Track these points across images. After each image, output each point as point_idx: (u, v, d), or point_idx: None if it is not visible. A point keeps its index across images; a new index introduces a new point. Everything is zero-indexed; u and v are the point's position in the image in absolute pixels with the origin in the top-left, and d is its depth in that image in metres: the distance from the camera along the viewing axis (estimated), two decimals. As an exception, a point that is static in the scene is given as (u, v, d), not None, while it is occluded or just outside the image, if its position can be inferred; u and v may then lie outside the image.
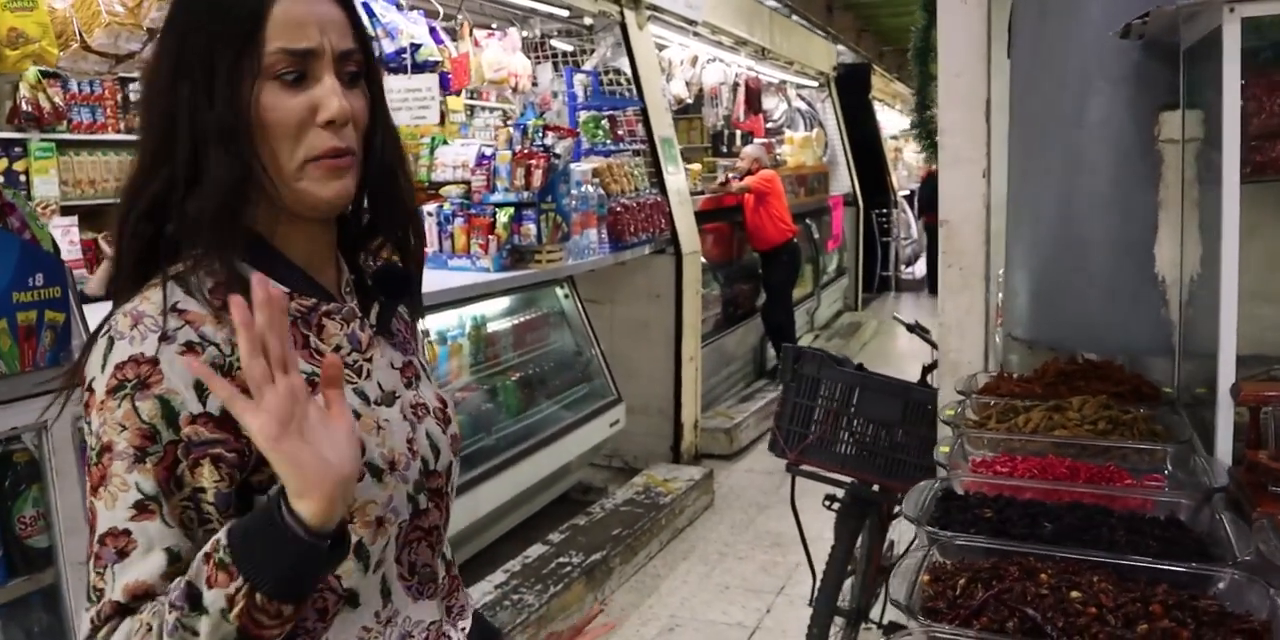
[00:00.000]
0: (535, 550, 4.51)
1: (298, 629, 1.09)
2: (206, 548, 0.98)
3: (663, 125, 6.38)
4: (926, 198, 13.43)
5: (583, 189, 5.32)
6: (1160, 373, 2.80)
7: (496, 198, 4.92)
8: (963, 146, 2.80)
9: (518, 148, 4.95)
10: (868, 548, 3.52)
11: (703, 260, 6.59)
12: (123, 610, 1.01)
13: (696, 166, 8.59)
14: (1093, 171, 2.72)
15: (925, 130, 4.77)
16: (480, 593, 3.94)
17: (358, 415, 1.16)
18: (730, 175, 8.39)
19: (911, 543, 4.26)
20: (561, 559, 4.40)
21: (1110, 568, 1.53)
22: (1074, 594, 1.41)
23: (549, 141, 4.96)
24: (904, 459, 3.26)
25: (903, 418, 3.25)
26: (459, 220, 4.87)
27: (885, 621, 3.51)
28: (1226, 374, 2.12)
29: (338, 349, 1.20)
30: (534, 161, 4.88)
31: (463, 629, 1.35)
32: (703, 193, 7.67)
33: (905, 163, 16.27)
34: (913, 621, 1.33)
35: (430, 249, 4.95)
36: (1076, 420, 2.22)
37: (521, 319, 5.31)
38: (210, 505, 1.05)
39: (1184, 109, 2.47)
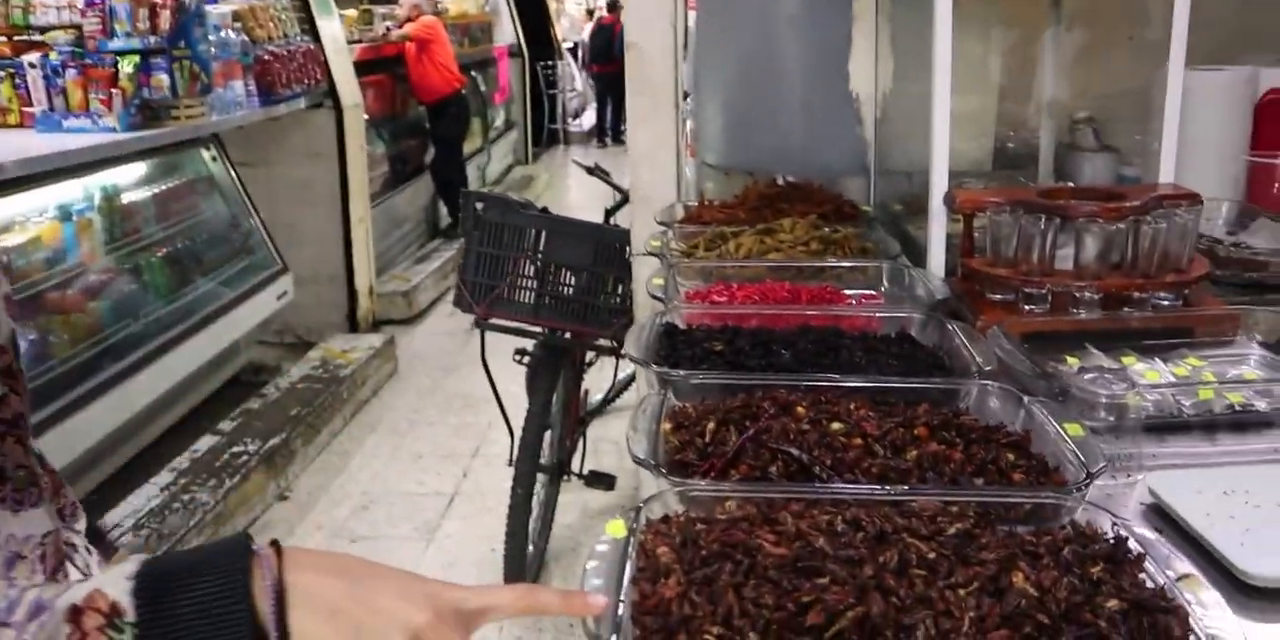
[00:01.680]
0: (205, 442, 4.03)
1: None
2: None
3: (311, -34, 5.68)
4: (598, 47, 13.21)
5: (222, 34, 4.62)
6: (855, 191, 2.71)
7: (116, 44, 4.19)
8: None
9: (138, -17, 4.20)
10: (564, 399, 3.37)
11: (365, 116, 6.04)
12: None
13: (352, 12, 7.84)
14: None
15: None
16: (145, 498, 3.45)
17: None
18: (389, 24, 7.76)
19: (611, 390, 4.15)
20: (236, 448, 3.96)
21: (864, 393, 1.36)
22: (835, 426, 1.22)
23: (177, -23, 4.24)
24: (597, 303, 3.08)
25: (594, 260, 3.05)
26: (71, 72, 4.10)
27: (586, 472, 3.39)
28: (939, 184, 2.00)
29: None
30: (159, 0, 4.16)
31: (80, 531, 1.05)
32: (360, 41, 7.03)
33: (568, 14, 15.90)
34: (661, 480, 1.09)
35: (38, 107, 4.16)
36: (789, 242, 2.05)
37: (163, 187, 4.64)
38: None
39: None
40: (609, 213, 3.98)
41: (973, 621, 0.82)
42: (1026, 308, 1.79)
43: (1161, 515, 1.23)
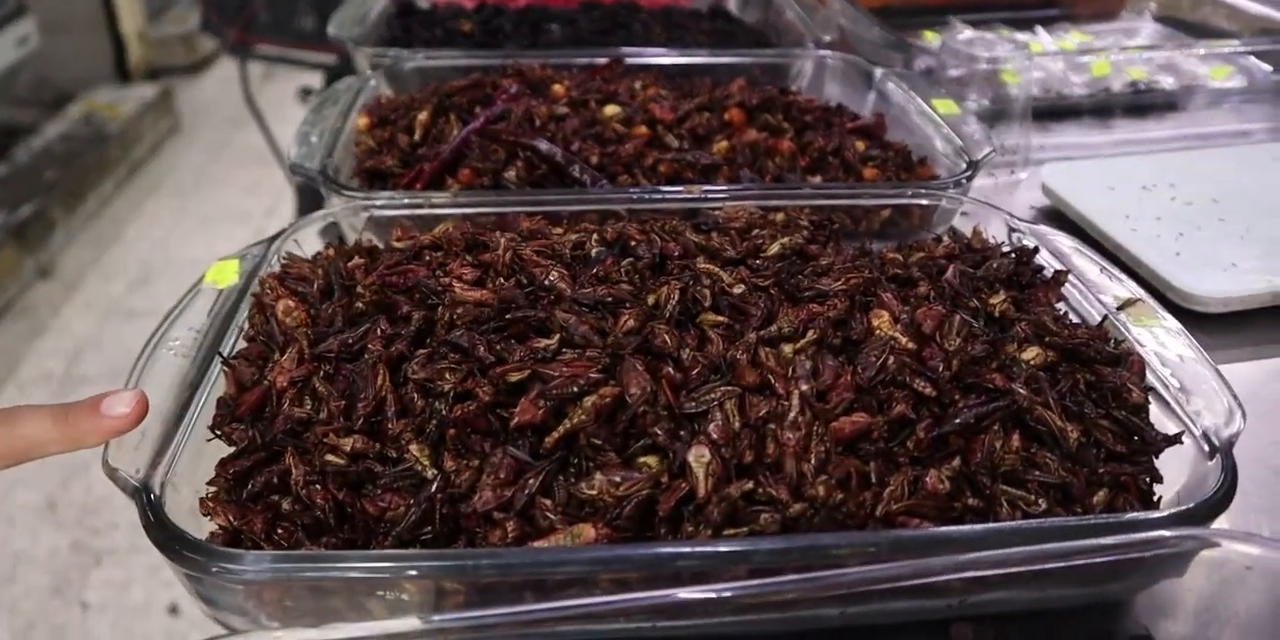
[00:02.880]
0: (-62, 219, 3.42)
1: None
2: None
3: None
4: None
5: None
6: None
7: None
8: None
9: None
10: None
11: None
12: None
13: None
14: None
15: None
16: None
17: None
18: None
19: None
20: (-24, 222, 3.38)
21: (658, 72, 0.96)
22: (609, 110, 0.82)
23: None
24: None
25: None
26: None
27: None
28: None
29: None
30: None
31: None
32: None
33: None
34: (333, 195, 0.69)
35: None
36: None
37: None
38: None
39: None
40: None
41: (806, 401, 0.47)
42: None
43: (1062, 221, 0.91)
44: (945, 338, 0.51)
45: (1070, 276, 0.62)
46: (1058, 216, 0.91)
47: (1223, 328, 0.76)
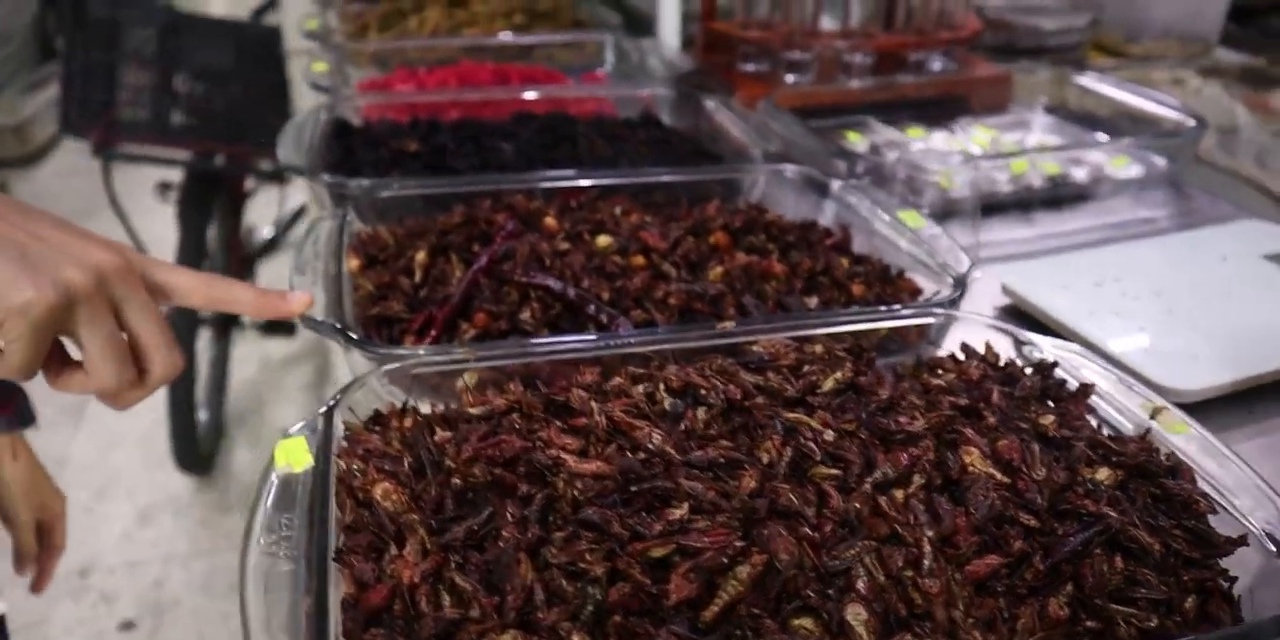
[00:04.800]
0: None
1: None
2: None
3: None
4: None
5: None
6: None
7: None
8: None
9: None
10: (223, 238, 2.84)
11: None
12: None
13: None
14: None
15: None
16: None
17: None
18: None
19: (280, 222, 3.58)
20: None
21: (624, 192, 0.98)
22: (602, 240, 0.83)
23: None
24: (252, 119, 2.52)
25: (237, 63, 2.46)
26: None
27: (263, 320, 2.89)
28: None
29: None
30: None
31: None
32: None
33: None
34: (354, 351, 0.67)
35: None
36: (485, 15, 1.60)
37: None
38: None
39: None
40: (257, 12, 3.33)
41: (936, 547, 0.48)
42: (788, 79, 1.46)
43: (1026, 320, 0.96)
44: (1031, 468, 0.54)
45: (1094, 387, 0.66)
46: (1019, 315, 0.96)
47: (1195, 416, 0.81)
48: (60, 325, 0.52)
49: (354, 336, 0.67)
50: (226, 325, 2.90)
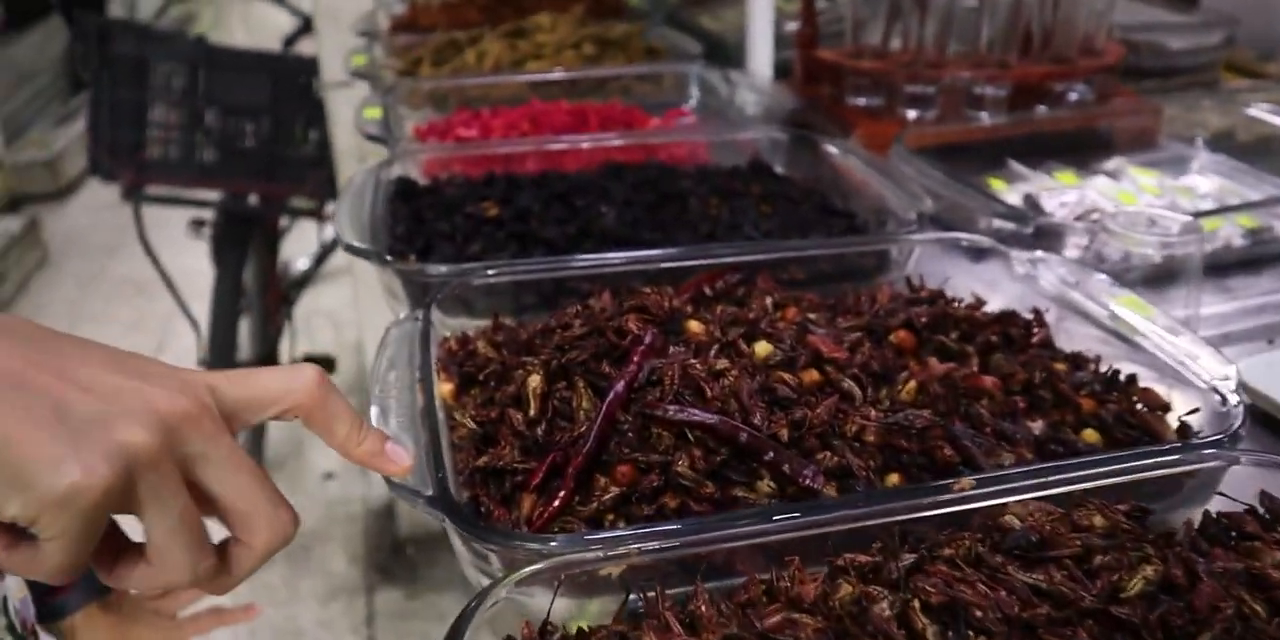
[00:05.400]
0: None
1: None
2: None
3: None
4: None
5: None
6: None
7: None
8: None
9: None
10: (259, 276, 2.73)
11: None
12: None
13: None
14: None
15: None
16: None
17: None
18: None
19: (316, 255, 3.42)
20: None
21: (770, 267, 0.79)
22: (760, 350, 0.64)
23: None
24: (286, 155, 2.40)
25: (274, 99, 2.33)
26: None
27: (300, 356, 2.77)
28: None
29: None
30: None
31: None
32: None
33: None
34: (475, 540, 0.49)
35: None
36: (552, 46, 1.42)
37: None
38: None
39: None
40: (288, 42, 3.21)
41: None
42: (909, 114, 1.27)
43: (1271, 425, 0.76)
44: None
45: None
46: (1262, 417, 0.76)
47: None
48: (116, 507, 0.39)
49: (472, 523, 0.49)
50: (266, 365, 2.74)
